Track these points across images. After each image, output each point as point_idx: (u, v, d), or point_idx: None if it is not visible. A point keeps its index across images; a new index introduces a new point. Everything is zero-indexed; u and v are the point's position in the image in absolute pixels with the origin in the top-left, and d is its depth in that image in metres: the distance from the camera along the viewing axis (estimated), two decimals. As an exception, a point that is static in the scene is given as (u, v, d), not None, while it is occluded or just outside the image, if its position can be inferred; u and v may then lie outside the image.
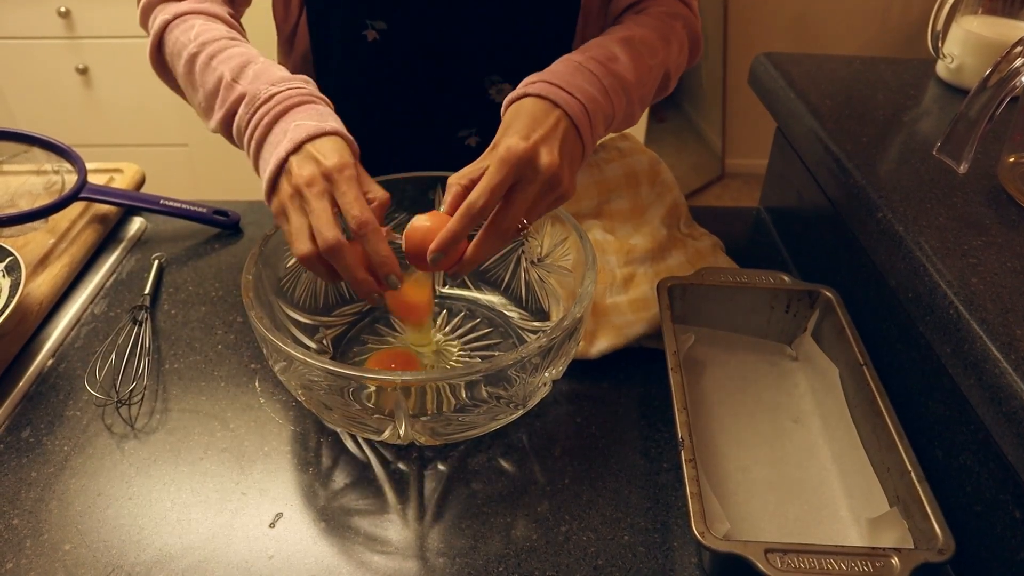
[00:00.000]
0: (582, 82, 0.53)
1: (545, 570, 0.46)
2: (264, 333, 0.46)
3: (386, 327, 0.64)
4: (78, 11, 1.81)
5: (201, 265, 0.74)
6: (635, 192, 0.71)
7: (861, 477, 0.50)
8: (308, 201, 0.47)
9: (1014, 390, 0.39)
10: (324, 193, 0.47)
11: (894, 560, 0.40)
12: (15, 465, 0.52)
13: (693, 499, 0.43)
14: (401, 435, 0.49)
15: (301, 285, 0.59)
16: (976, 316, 0.44)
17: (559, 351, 0.49)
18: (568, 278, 0.59)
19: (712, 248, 0.71)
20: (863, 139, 0.65)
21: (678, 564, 0.47)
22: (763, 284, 0.60)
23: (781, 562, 0.40)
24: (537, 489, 0.51)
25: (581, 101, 0.52)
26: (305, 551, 0.47)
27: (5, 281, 0.60)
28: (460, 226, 0.47)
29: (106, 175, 0.84)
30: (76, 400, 0.58)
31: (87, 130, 2.02)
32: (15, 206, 0.74)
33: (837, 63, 0.81)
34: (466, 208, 0.46)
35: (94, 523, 0.49)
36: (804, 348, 0.61)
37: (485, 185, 0.46)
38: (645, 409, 0.58)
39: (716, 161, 2.64)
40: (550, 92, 0.51)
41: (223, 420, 0.56)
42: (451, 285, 0.67)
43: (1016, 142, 0.57)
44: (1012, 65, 0.50)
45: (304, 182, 0.47)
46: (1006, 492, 0.42)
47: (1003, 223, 0.54)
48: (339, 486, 0.51)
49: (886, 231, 0.54)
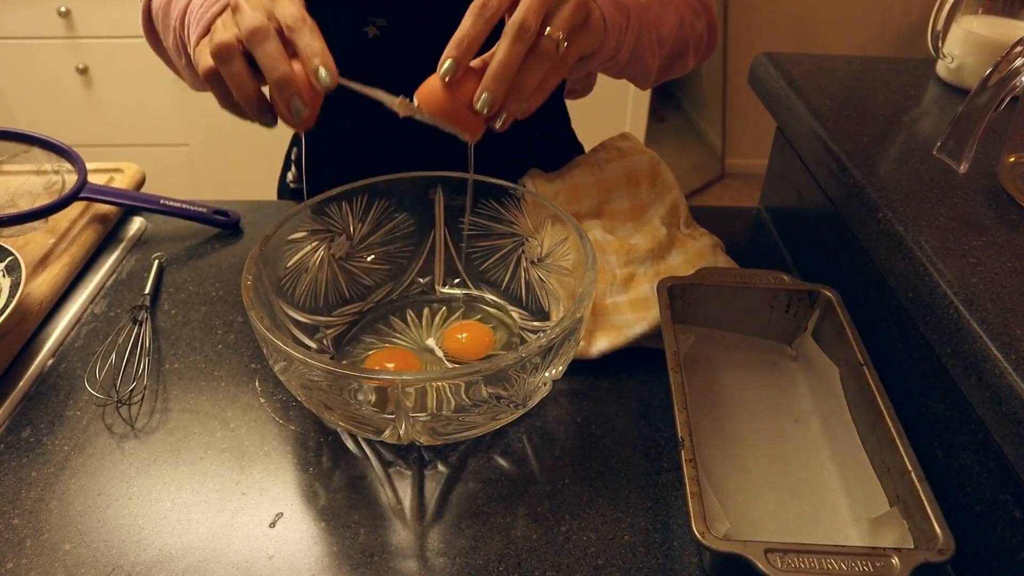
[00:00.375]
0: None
1: (545, 570, 0.46)
2: (264, 333, 0.46)
3: (386, 327, 0.64)
4: (78, 11, 1.82)
5: (201, 265, 0.74)
6: (635, 192, 0.71)
7: (861, 477, 0.50)
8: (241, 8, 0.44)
9: (1014, 390, 0.39)
10: (261, 6, 0.44)
11: (894, 560, 0.40)
12: (15, 465, 0.52)
13: (693, 499, 0.43)
14: (401, 435, 0.49)
15: (301, 285, 0.59)
16: (976, 316, 0.44)
17: (559, 351, 0.49)
18: (568, 278, 0.59)
19: (712, 248, 0.71)
20: (863, 139, 0.65)
21: (678, 564, 0.47)
22: (763, 284, 0.60)
23: (781, 562, 0.40)
24: (537, 489, 0.51)
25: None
26: (305, 551, 0.47)
27: (5, 281, 0.61)
28: (511, 53, 0.43)
29: (106, 175, 0.84)
30: (76, 400, 0.58)
31: (87, 130, 2.02)
32: (15, 206, 0.74)
33: (837, 63, 0.81)
34: (517, 29, 0.42)
35: (94, 523, 0.49)
36: (804, 348, 0.61)
37: (532, 1, 0.43)
38: (645, 409, 0.58)
39: (716, 161, 2.64)
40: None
41: (223, 420, 0.56)
42: (449, 285, 0.67)
43: (1016, 142, 0.57)
44: (1012, 65, 0.50)
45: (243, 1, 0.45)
46: (1006, 492, 0.42)
47: (1003, 223, 0.54)
48: (339, 486, 0.51)
49: (886, 231, 0.54)
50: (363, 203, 0.62)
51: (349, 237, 0.62)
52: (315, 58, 0.44)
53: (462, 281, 0.67)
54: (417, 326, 0.64)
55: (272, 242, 0.55)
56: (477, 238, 0.65)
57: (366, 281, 0.65)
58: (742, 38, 2.41)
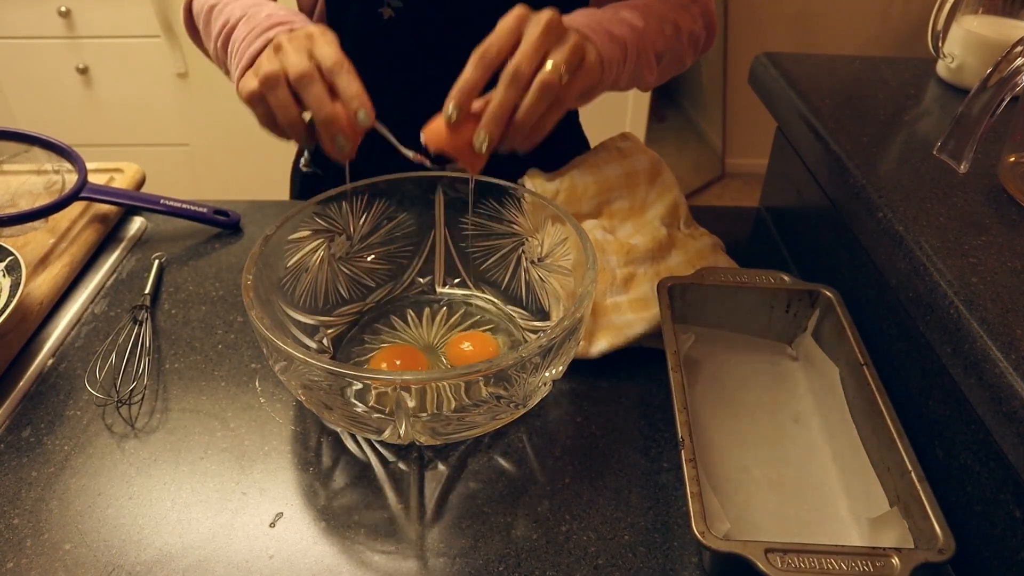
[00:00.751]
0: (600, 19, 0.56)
1: (545, 570, 0.46)
2: (264, 333, 0.46)
3: (386, 327, 0.64)
4: (78, 11, 1.81)
5: (201, 265, 0.74)
6: (635, 192, 0.71)
7: (861, 477, 0.50)
8: (283, 48, 0.48)
9: (1014, 390, 0.39)
10: (303, 48, 0.49)
11: (894, 560, 0.40)
12: (15, 465, 0.52)
13: (693, 499, 0.43)
14: (401, 435, 0.49)
15: (301, 285, 0.59)
16: (976, 316, 0.44)
17: (559, 351, 0.49)
18: (568, 278, 0.59)
19: (712, 248, 0.71)
20: (863, 139, 0.65)
21: (678, 564, 0.47)
22: (763, 284, 0.60)
23: (781, 562, 0.40)
24: (537, 489, 0.51)
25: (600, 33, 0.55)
26: (305, 551, 0.47)
27: (5, 281, 0.61)
28: (505, 98, 0.47)
29: (106, 175, 0.84)
30: (76, 400, 0.58)
31: (87, 130, 2.02)
32: (15, 206, 0.74)
33: (837, 63, 0.81)
34: (511, 76, 0.46)
35: (94, 523, 0.49)
36: (804, 348, 0.61)
37: (528, 48, 0.47)
38: (645, 409, 0.58)
39: (716, 161, 2.64)
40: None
41: (223, 420, 0.56)
42: (450, 285, 0.67)
43: (1016, 142, 0.57)
44: (1012, 65, 0.50)
45: (287, 39, 0.49)
46: (1006, 492, 0.42)
47: (1003, 223, 0.54)
48: (339, 486, 0.51)
49: (886, 230, 0.54)
50: (363, 203, 0.62)
51: (349, 237, 0.62)
52: (354, 100, 0.48)
53: (462, 281, 0.67)
54: (417, 326, 0.64)
55: (272, 242, 0.55)
56: (477, 238, 0.65)
57: (366, 281, 0.65)
58: (742, 38, 2.41)
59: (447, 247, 0.66)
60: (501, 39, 0.48)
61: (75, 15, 1.82)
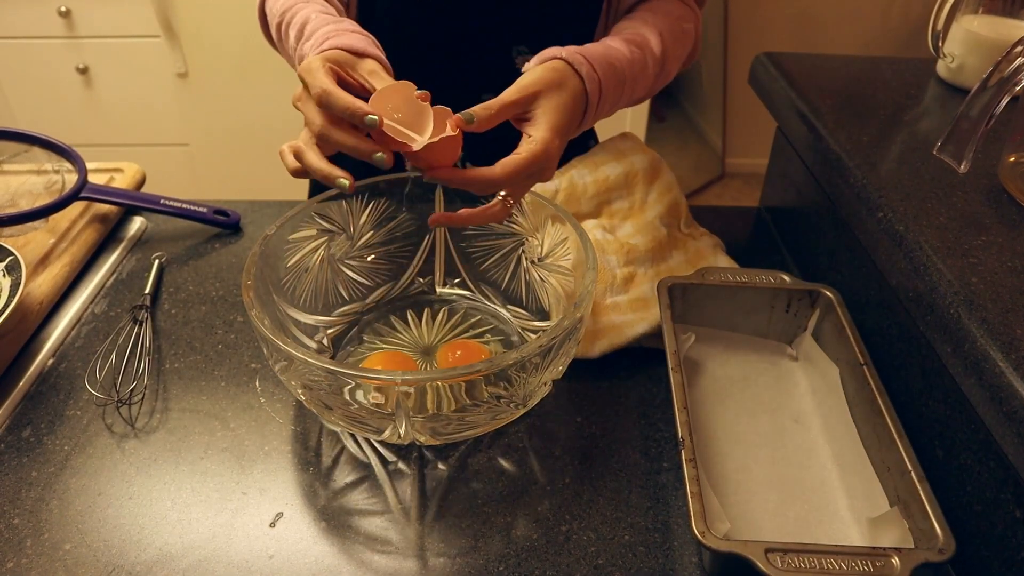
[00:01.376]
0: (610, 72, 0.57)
1: (545, 570, 0.46)
2: (264, 333, 0.46)
3: (386, 327, 0.64)
4: (78, 11, 1.81)
5: (201, 265, 0.74)
6: (635, 192, 0.71)
7: (861, 477, 0.50)
8: (301, 109, 0.51)
9: (1014, 390, 0.39)
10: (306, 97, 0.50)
11: (894, 560, 0.40)
12: (16, 464, 0.52)
13: (693, 499, 0.43)
14: (401, 435, 0.49)
15: (301, 285, 0.59)
16: (976, 316, 0.44)
17: (559, 351, 0.49)
18: (568, 278, 0.59)
19: (712, 248, 0.71)
20: (863, 139, 0.65)
21: (678, 564, 0.47)
22: (763, 284, 0.60)
23: (781, 562, 0.40)
24: (537, 489, 0.51)
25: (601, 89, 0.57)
26: (305, 551, 0.47)
27: (5, 281, 0.61)
28: (471, 219, 0.52)
29: (106, 175, 0.84)
30: (76, 400, 0.58)
31: (87, 130, 2.02)
32: (15, 206, 0.74)
33: (837, 62, 0.81)
34: (486, 181, 0.48)
35: (94, 522, 0.49)
36: (804, 348, 0.61)
37: (513, 170, 0.48)
38: (645, 409, 0.58)
39: (716, 161, 2.64)
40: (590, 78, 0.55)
41: (223, 420, 0.56)
42: (449, 285, 0.67)
43: (1016, 142, 0.57)
44: (1012, 65, 0.50)
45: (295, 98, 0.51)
46: (1006, 492, 0.42)
47: (1003, 222, 0.53)
48: (339, 486, 0.51)
49: (886, 230, 0.54)
50: (363, 203, 0.62)
51: (349, 237, 0.62)
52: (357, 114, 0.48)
53: (462, 281, 0.67)
54: (417, 326, 0.64)
55: (272, 242, 0.55)
56: (477, 238, 0.65)
57: (366, 281, 0.65)
58: (742, 38, 2.41)
59: (447, 247, 0.66)
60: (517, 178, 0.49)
61: (75, 15, 1.82)
